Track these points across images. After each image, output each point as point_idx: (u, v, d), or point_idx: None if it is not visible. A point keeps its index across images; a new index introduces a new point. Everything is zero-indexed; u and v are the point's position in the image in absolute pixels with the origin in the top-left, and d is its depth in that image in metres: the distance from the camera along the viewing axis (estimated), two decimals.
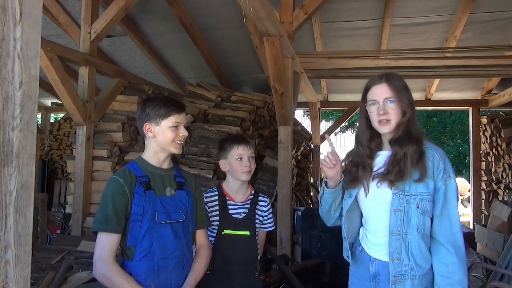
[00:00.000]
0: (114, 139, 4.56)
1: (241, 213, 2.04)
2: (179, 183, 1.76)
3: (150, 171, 1.70)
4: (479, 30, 5.15)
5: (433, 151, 1.56)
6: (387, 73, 1.68)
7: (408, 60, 4.66)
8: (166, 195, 1.69)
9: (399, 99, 1.58)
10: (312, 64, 4.77)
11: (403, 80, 1.65)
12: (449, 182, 1.54)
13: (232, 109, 5.37)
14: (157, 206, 1.64)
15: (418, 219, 1.54)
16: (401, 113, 1.58)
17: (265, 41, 3.06)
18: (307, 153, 7.35)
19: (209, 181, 4.49)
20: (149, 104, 1.71)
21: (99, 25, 4.27)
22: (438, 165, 1.54)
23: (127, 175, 1.63)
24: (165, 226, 1.65)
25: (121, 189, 1.59)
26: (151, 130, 1.70)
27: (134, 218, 1.60)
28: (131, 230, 1.60)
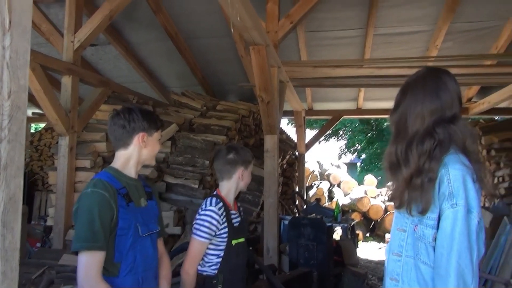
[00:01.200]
0: (97, 149, 4.49)
1: (238, 221, 2.09)
2: (149, 193, 1.75)
3: (126, 182, 1.66)
4: (460, 39, 5.29)
5: (446, 170, 1.31)
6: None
7: (391, 69, 4.74)
8: (142, 206, 1.68)
9: (395, 106, 1.46)
10: (297, 73, 4.81)
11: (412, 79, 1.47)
12: (450, 211, 1.28)
13: (217, 118, 5.36)
14: (138, 218, 1.62)
15: (415, 243, 1.39)
16: (394, 126, 1.44)
17: (252, 50, 3.08)
18: (292, 161, 7.39)
19: (194, 191, 4.45)
20: (143, 115, 1.69)
21: (83, 34, 4.23)
22: (443, 188, 1.30)
23: (109, 188, 1.55)
24: (146, 238, 1.64)
25: (107, 203, 1.52)
26: (145, 140, 1.68)
27: (121, 232, 1.56)
28: (118, 245, 1.55)
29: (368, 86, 5.90)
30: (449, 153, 1.34)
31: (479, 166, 1.35)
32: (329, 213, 5.01)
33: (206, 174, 4.53)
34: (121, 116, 1.68)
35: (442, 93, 1.38)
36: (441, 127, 1.35)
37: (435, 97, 1.38)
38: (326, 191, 9.81)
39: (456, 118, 1.38)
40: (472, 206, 1.28)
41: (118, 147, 1.70)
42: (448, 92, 1.39)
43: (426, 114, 1.37)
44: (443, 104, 1.37)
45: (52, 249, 4.09)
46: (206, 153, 4.61)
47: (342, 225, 4.98)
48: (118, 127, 1.67)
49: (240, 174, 2.08)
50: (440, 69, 1.46)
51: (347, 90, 6.76)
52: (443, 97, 1.38)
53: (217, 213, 1.93)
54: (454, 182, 1.29)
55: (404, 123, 1.42)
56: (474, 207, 1.28)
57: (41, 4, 4.90)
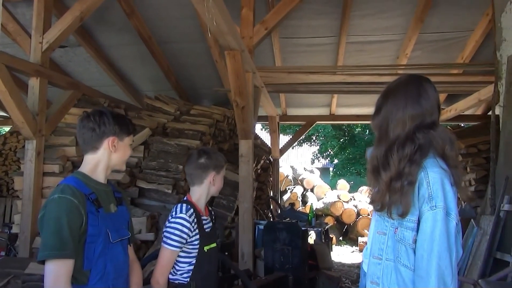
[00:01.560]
0: (66, 153, 4.36)
1: (209, 226, 2.06)
2: (119, 198, 1.73)
3: (94, 187, 1.61)
4: (428, 49, 5.48)
5: (426, 174, 1.34)
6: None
7: (363, 76, 4.86)
8: (112, 211, 1.65)
9: (376, 110, 1.49)
10: (272, 78, 4.85)
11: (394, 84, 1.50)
12: (430, 213, 1.31)
13: (191, 122, 5.32)
14: (109, 225, 1.59)
15: (395, 246, 1.40)
16: (377, 131, 1.47)
17: (227, 55, 3.08)
18: (267, 166, 7.41)
19: (168, 196, 4.39)
20: (114, 118, 1.65)
21: (52, 35, 4.11)
22: (423, 191, 1.33)
23: (77, 194, 1.51)
24: (117, 245, 1.61)
25: (76, 209, 1.47)
26: (115, 144, 1.65)
27: (90, 239, 1.51)
28: (87, 252, 1.51)
29: (341, 92, 6.02)
30: (428, 157, 1.37)
31: (457, 171, 1.39)
32: (304, 217, 5.05)
33: (180, 179, 4.48)
34: (91, 118, 1.63)
35: (423, 100, 1.41)
36: (422, 133, 1.38)
37: (416, 103, 1.41)
38: (300, 196, 9.88)
39: (435, 124, 1.42)
40: (451, 208, 1.31)
41: (86, 151, 1.65)
42: (429, 99, 1.42)
43: (407, 119, 1.40)
44: (423, 110, 1.40)
45: (17, 257, 3.92)
46: (179, 157, 4.56)
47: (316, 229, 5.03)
48: (87, 130, 1.62)
49: (211, 179, 2.05)
50: (422, 77, 1.50)
51: (321, 96, 6.87)
52: (424, 104, 1.41)
53: (188, 221, 1.89)
54: (433, 184, 1.32)
55: (385, 128, 1.44)
56: (452, 209, 1.31)
57: (8, 3, 4.73)
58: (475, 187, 5.70)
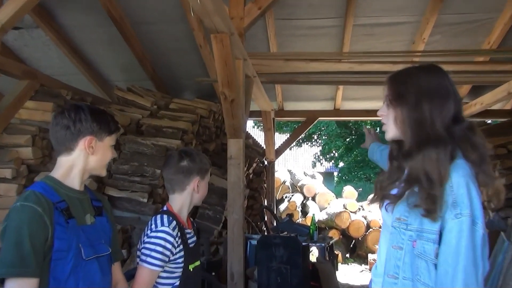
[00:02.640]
0: (21, 155, 4.34)
1: (194, 241, 2.07)
2: (98, 208, 1.74)
3: (66, 194, 1.63)
4: (448, 32, 5.52)
5: (453, 174, 1.37)
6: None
7: (374, 64, 4.89)
8: (87, 223, 1.65)
9: (391, 99, 1.55)
10: (266, 67, 4.86)
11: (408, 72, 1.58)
12: (455, 222, 1.33)
13: (170, 118, 5.33)
14: (81, 239, 1.59)
15: (413, 262, 1.41)
16: (393, 119, 1.54)
17: (213, 39, 3.08)
18: (260, 170, 7.43)
19: (143, 206, 4.39)
20: (93, 115, 1.67)
21: (4, 15, 4.04)
22: (446, 196, 1.35)
23: (42, 202, 1.51)
24: (92, 262, 1.61)
25: (39, 219, 1.48)
26: (93, 145, 1.67)
27: (57, 255, 1.51)
28: (53, 270, 1.51)
29: (347, 83, 6.04)
30: (457, 157, 1.42)
31: (485, 170, 1.43)
32: (304, 230, 5.06)
33: (157, 185, 4.48)
34: (66, 114, 1.65)
35: (453, 93, 1.50)
36: (458, 129, 1.45)
37: (449, 98, 1.48)
38: (299, 205, 9.92)
39: (463, 120, 1.49)
40: (477, 216, 1.33)
41: (60, 153, 1.67)
42: (457, 93, 1.52)
43: (445, 117, 1.45)
44: (456, 105, 1.48)
45: None
46: (156, 160, 4.56)
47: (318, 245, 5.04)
48: (61, 128, 1.64)
49: (195, 185, 2.05)
50: (441, 68, 1.59)
51: (323, 88, 6.89)
52: (455, 98, 1.49)
53: (172, 235, 1.90)
54: (458, 189, 1.34)
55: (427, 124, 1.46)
56: (479, 217, 1.33)
57: None
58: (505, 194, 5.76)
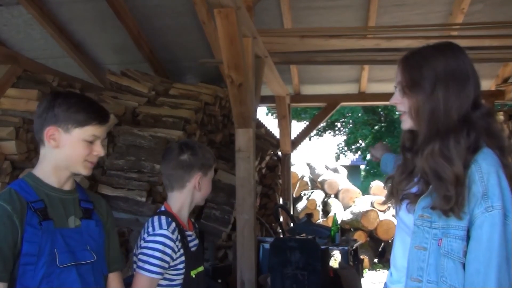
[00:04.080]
0: (4, 150, 4.42)
1: (195, 244, 2.11)
2: (86, 209, 1.76)
3: (46, 193, 1.66)
4: (492, 1, 5.45)
5: (477, 165, 1.41)
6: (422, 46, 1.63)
7: (404, 40, 4.86)
8: (69, 227, 1.68)
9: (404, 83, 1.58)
10: (279, 45, 4.87)
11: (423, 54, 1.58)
12: (485, 216, 1.36)
13: (171, 106, 5.36)
14: (57, 243, 1.62)
15: (439, 262, 1.44)
16: (408, 106, 1.57)
17: (217, 14, 3.10)
18: (274, 164, 7.44)
19: (141, 206, 4.45)
20: (61, 102, 1.69)
21: None
22: (475, 188, 1.39)
23: (14, 200, 1.57)
24: (69, 270, 1.63)
25: (7, 219, 1.53)
26: (55, 137, 1.68)
27: (26, 260, 1.55)
28: (22, 277, 1.55)
29: (374, 62, 6.01)
30: (481, 146, 1.45)
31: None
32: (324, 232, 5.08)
33: (157, 183, 4.52)
34: (42, 102, 1.72)
35: (473, 76, 1.51)
36: (477, 116, 1.47)
37: (466, 81, 1.50)
38: (319, 204, 9.93)
39: (481, 106, 1.51)
40: (508, 209, 1.37)
41: (39, 145, 1.74)
42: (475, 74, 1.52)
43: (463, 104, 1.48)
44: (475, 90, 1.51)
45: None
46: (155, 154, 4.59)
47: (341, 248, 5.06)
48: (36, 118, 1.71)
49: (196, 182, 2.09)
50: (459, 47, 1.58)
51: (346, 68, 6.87)
52: (472, 81, 1.51)
53: (171, 238, 1.94)
54: (488, 179, 1.38)
55: (440, 114, 1.49)
56: (510, 211, 1.37)
57: None
58: None
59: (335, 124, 16.29)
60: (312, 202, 9.75)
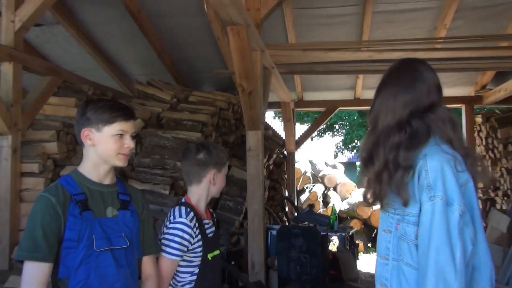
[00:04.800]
0: (47, 150, 4.45)
1: (212, 231, 2.13)
2: (123, 201, 1.77)
3: (88, 187, 1.69)
4: (472, 17, 5.41)
5: (425, 160, 1.44)
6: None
7: (394, 52, 4.84)
8: (107, 216, 1.70)
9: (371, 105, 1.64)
10: (284, 57, 4.86)
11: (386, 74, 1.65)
12: (428, 204, 1.39)
13: (190, 111, 5.37)
14: (96, 230, 1.64)
15: (395, 243, 1.50)
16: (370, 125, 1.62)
17: (230, 31, 3.11)
18: (280, 161, 7.44)
19: (165, 198, 4.46)
20: (91, 107, 1.71)
21: (26, 12, 4.17)
22: (422, 181, 1.43)
23: (59, 193, 1.61)
24: (105, 254, 1.65)
25: (52, 209, 1.57)
26: (90, 137, 1.71)
27: (67, 244, 1.59)
28: (64, 259, 1.58)
29: (367, 72, 5.98)
30: (429, 144, 1.46)
31: (465, 153, 1.47)
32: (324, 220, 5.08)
33: (179, 178, 4.54)
34: (77, 110, 1.76)
35: (417, 83, 1.53)
36: (417, 119, 1.49)
37: (410, 88, 1.52)
38: (320, 196, 9.91)
39: (435, 106, 1.52)
40: (452, 198, 1.38)
41: (81, 147, 1.78)
42: (424, 82, 1.53)
43: (398, 107, 1.51)
44: (418, 94, 1.52)
45: None
46: (177, 153, 4.62)
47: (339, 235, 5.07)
48: (75, 122, 1.75)
49: (211, 177, 2.10)
50: (414, 59, 1.62)
51: (343, 77, 6.85)
52: (418, 87, 1.52)
53: (189, 226, 1.95)
54: (431, 173, 1.41)
55: (376, 120, 1.56)
56: (454, 199, 1.38)
57: None
58: None
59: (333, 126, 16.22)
60: (313, 194, 9.74)
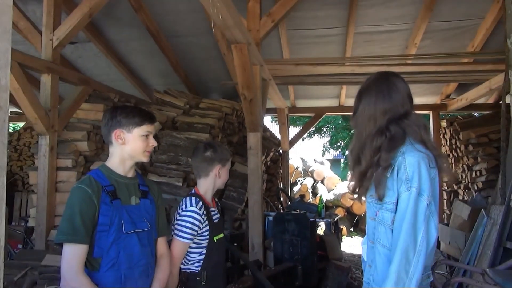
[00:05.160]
0: (79, 148, 4.45)
1: (217, 217, 2.12)
2: (144, 191, 1.78)
3: (115, 179, 1.70)
4: (438, 38, 5.40)
5: (403, 158, 1.43)
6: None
7: (372, 67, 4.82)
8: (132, 204, 1.70)
9: (353, 112, 1.63)
10: (279, 71, 4.85)
11: (365, 84, 1.61)
12: (405, 193, 1.39)
13: (200, 116, 5.36)
14: (124, 216, 1.65)
15: (376, 227, 1.51)
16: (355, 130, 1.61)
17: (233, 48, 3.09)
18: (276, 158, 7.42)
19: (178, 189, 4.45)
20: (121, 111, 1.72)
21: (62, 32, 4.16)
22: (401, 174, 1.42)
23: (93, 184, 1.62)
24: (131, 236, 1.66)
25: (89, 199, 1.58)
26: (121, 137, 1.71)
27: (101, 228, 1.59)
28: (98, 240, 1.59)
29: (350, 83, 5.98)
30: (406, 144, 1.47)
31: (437, 153, 1.48)
32: (313, 208, 5.07)
33: (190, 172, 4.53)
34: (106, 114, 1.75)
35: (393, 93, 1.52)
36: (394, 124, 1.49)
37: (387, 98, 1.51)
38: (310, 188, 9.90)
39: (408, 113, 1.52)
40: (423, 189, 1.39)
41: (107, 145, 1.78)
42: (398, 92, 1.53)
43: (378, 115, 1.51)
44: (394, 103, 1.51)
45: (34, 250, 4.03)
46: (189, 151, 4.61)
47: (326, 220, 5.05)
48: (103, 126, 1.75)
49: (217, 172, 2.10)
50: (390, 72, 1.62)
51: (330, 87, 6.84)
52: (394, 97, 1.52)
53: (198, 213, 1.95)
54: (409, 167, 1.41)
55: (360, 126, 1.55)
56: (425, 190, 1.39)
57: (19, 1, 4.80)
58: (486, 177, 5.65)
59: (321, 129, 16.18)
60: (304, 186, 9.74)
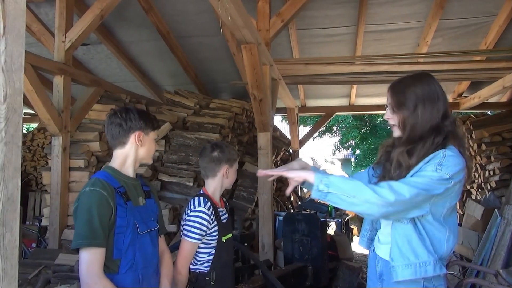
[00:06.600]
0: (91, 149, 4.49)
1: (226, 217, 2.12)
2: (147, 191, 1.79)
3: (124, 181, 1.68)
4: (449, 36, 5.34)
5: (444, 151, 1.47)
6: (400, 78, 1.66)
7: (383, 65, 4.79)
8: (140, 204, 1.71)
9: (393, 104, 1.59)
10: (289, 70, 4.84)
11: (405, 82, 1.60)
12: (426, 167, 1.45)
13: (211, 116, 5.38)
14: (137, 217, 1.65)
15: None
16: (397, 121, 1.59)
17: (243, 48, 3.10)
18: (286, 158, 7.40)
19: (189, 189, 4.48)
20: (140, 114, 1.72)
21: (74, 34, 4.22)
22: (434, 160, 1.46)
23: (107, 187, 1.58)
24: (145, 236, 1.66)
25: (106, 202, 1.55)
26: (141, 139, 1.71)
27: (119, 230, 1.58)
28: (116, 242, 1.58)
29: (360, 82, 5.94)
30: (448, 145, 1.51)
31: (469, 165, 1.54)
32: (323, 208, 5.06)
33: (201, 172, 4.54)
34: (118, 115, 1.70)
35: (439, 95, 1.55)
36: (446, 122, 1.53)
37: (436, 99, 1.54)
38: None
39: (449, 116, 1.56)
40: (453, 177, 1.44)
41: (115, 146, 1.72)
42: (442, 93, 1.57)
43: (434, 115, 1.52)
44: (442, 103, 1.54)
45: (47, 249, 4.09)
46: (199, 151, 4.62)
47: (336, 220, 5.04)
48: (115, 126, 1.69)
49: (224, 172, 2.09)
50: (428, 74, 1.64)
51: (339, 86, 6.80)
52: (441, 98, 1.55)
53: (207, 213, 1.95)
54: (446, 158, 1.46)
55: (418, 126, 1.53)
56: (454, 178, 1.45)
57: (31, 3, 4.87)
58: (499, 176, 5.56)
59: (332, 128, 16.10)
60: None
